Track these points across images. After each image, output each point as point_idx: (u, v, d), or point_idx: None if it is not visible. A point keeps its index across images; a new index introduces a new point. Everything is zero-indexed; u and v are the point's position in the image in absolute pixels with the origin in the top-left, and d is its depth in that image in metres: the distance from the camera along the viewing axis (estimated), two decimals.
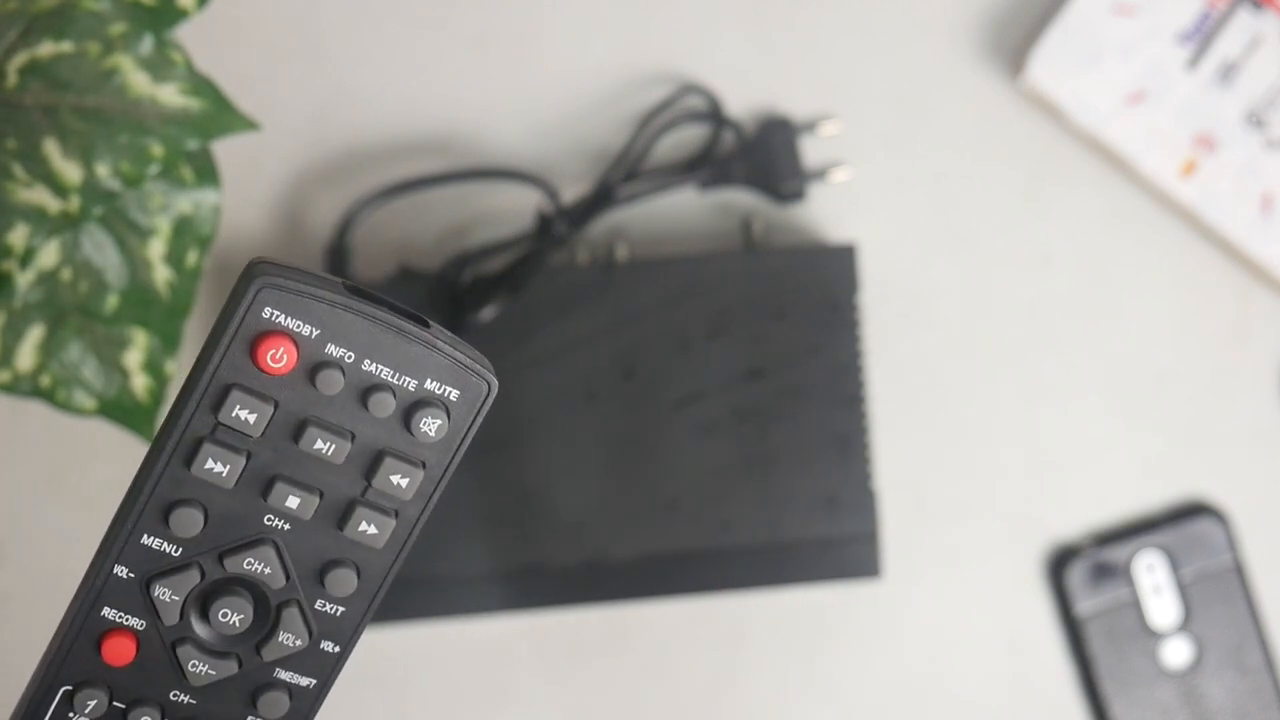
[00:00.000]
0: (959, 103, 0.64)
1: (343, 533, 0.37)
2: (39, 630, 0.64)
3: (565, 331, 0.61)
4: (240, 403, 0.35)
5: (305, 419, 0.36)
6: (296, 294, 0.35)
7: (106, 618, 0.37)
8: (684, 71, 0.64)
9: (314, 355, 0.36)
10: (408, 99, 0.64)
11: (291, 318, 0.35)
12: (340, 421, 0.36)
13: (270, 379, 0.36)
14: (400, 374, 0.36)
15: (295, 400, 0.36)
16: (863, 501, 0.61)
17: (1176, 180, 0.63)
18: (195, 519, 0.36)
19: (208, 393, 0.35)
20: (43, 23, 0.51)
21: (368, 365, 0.36)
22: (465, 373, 0.37)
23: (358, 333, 0.36)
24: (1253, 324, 0.64)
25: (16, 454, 0.64)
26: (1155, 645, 0.63)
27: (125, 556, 0.37)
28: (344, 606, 0.39)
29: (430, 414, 0.37)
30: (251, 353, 0.35)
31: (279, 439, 0.36)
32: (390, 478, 0.37)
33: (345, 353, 0.36)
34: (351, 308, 0.35)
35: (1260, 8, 0.62)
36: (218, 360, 0.35)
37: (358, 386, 0.36)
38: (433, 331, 0.37)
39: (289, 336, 0.35)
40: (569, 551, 0.61)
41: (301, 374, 0.36)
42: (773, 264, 0.61)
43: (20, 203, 0.50)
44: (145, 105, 0.51)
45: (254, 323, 0.35)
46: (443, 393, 0.37)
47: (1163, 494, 0.64)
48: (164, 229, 0.55)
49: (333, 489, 0.37)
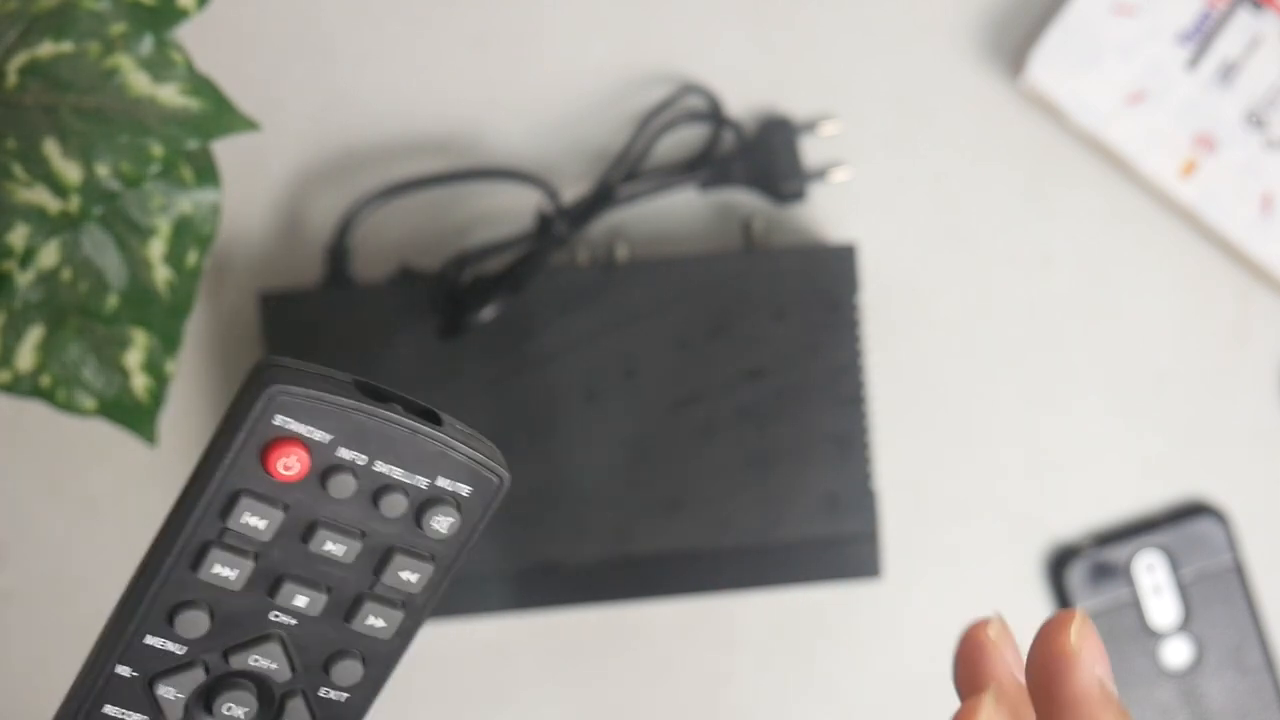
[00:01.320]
0: (959, 103, 0.64)
1: (350, 625, 0.37)
2: (39, 630, 0.64)
3: (565, 331, 0.61)
4: (249, 509, 0.35)
5: (315, 521, 0.36)
6: (309, 399, 0.34)
7: (109, 715, 0.37)
8: (684, 71, 0.64)
9: (326, 460, 0.35)
10: (408, 99, 0.64)
11: (303, 424, 0.35)
12: (351, 522, 0.36)
13: (281, 485, 0.35)
14: (412, 473, 0.36)
15: (305, 503, 0.36)
16: (863, 501, 0.61)
17: (1176, 180, 0.63)
18: (201, 621, 0.36)
19: (215, 498, 0.35)
20: (43, 23, 0.51)
21: (379, 466, 0.36)
22: (477, 469, 0.37)
23: (370, 435, 0.35)
24: (1253, 324, 0.64)
25: (16, 454, 0.64)
26: (1155, 645, 0.63)
27: (128, 656, 0.36)
28: (349, 694, 0.39)
29: (442, 511, 0.37)
30: (262, 459, 0.35)
31: (288, 540, 0.36)
32: (400, 574, 0.37)
33: (357, 455, 0.35)
34: (364, 410, 0.35)
35: (1260, 8, 0.62)
36: (226, 466, 0.35)
37: (369, 488, 0.36)
38: (444, 428, 0.37)
39: (300, 443, 0.35)
40: (569, 551, 0.61)
41: (313, 478, 0.35)
42: (773, 264, 0.61)
43: (20, 203, 0.50)
44: (145, 105, 0.51)
45: (265, 430, 0.34)
46: (454, 489, 0.37)
47: (1163, 494, 0.64)
48: (164, 229, 0.55)
49: (341, 584, 0.37)
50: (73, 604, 0.63)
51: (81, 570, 0.64)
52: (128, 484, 0.63)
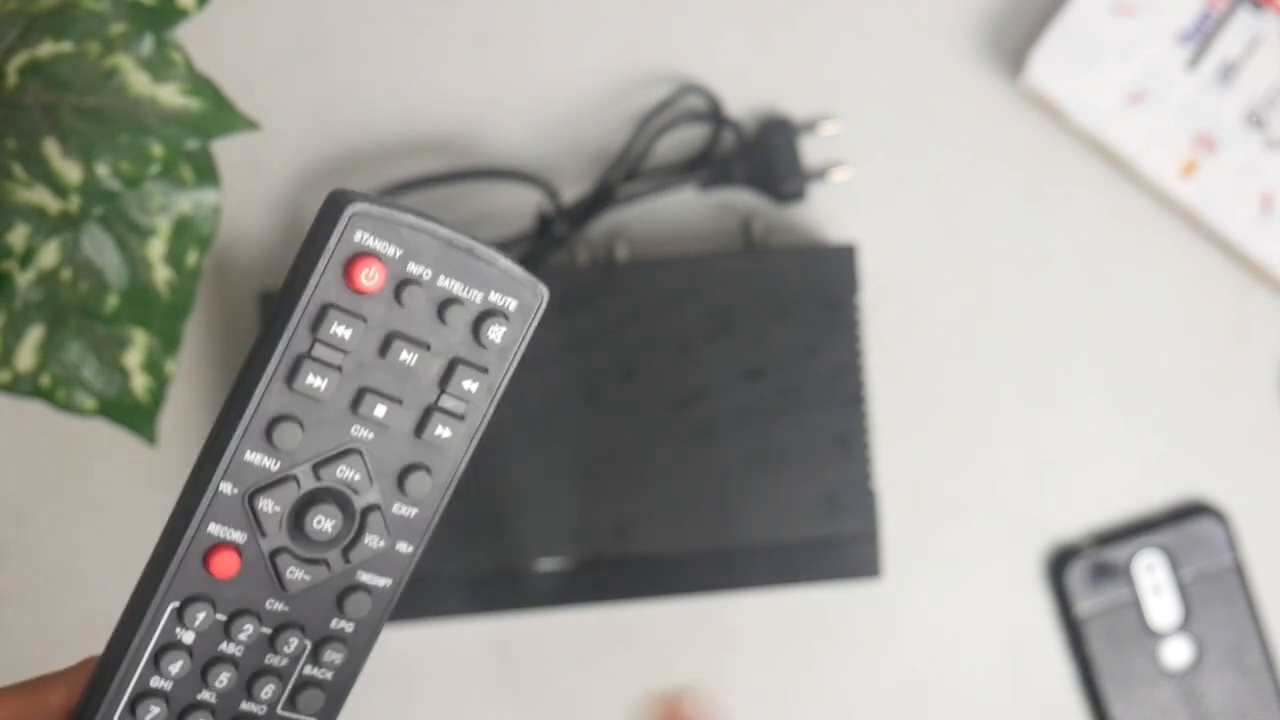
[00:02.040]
0: (959, 103, 0.64)
1: (420, 438, 0.40)
2: (39, 630, 0.64)
3: (565, 331, 0.61)
4: (338, 320, 0.38)
5: (390, 332, 0.39)
6: (384, 218, 0.38)
7: (213, 534, 0.39)
8: (684, 71, 0.64)
9: (398, 274, 0.38)
10: (408, 99, 0.64)
11: (380, 239, 0.38)
12: (420, 334, 0.39)
13: (362, 298, 0.38)
14: (469, 287, 0.39)
15: (382, 316, 0.39)
16: (863, 501, 0.61)
17: (1176, 180, 0.63)
18: (296, 433, 0.38)
19: (306, 312, 0.38)
20: (43, 23, 0.51)
21: (443, 281, 0.39)
22: (522, 285, 0.40)
23: (433, 251, 0.39)
24: (1253, 324, 0.64)
25: (16, 454, 0.64)
26: (1155, 645, 0.63)
27: (231, 473, 0.39)
28: (417, 508, 0.41)
29: (496, 322, 0.40)
30: (346, 273, 0.38)
31: (367, 353, 0.39)
32: (463, 384, 0.40)
33: (424, 270, 0.39)
34: (427, 229, 0.38)
35: (1260, 8, 0.62)
36: (316, 281, 0.38)
37: (435, 301, 0.39)
38: (491, 248, 0.40)
39: (378, 257, 0.38)
40: (569, 552, 0.61)
41: (388, 291, 0.38)
42: (773, 264, 0.61)
43: (20, 203, 0.50)
44: (145, 105, 0.51)
45: (348, 246, 0.38)
46: (504, 304, 0.40)
47: (1163, 494, 0.64)
48: (164, 229, 0.55)
49: (412, 397, 0.40)
50: (73, 604, 0.63)
51: (81, 570, 0.64)
52: (128, 484, 0.63)
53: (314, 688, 0.41)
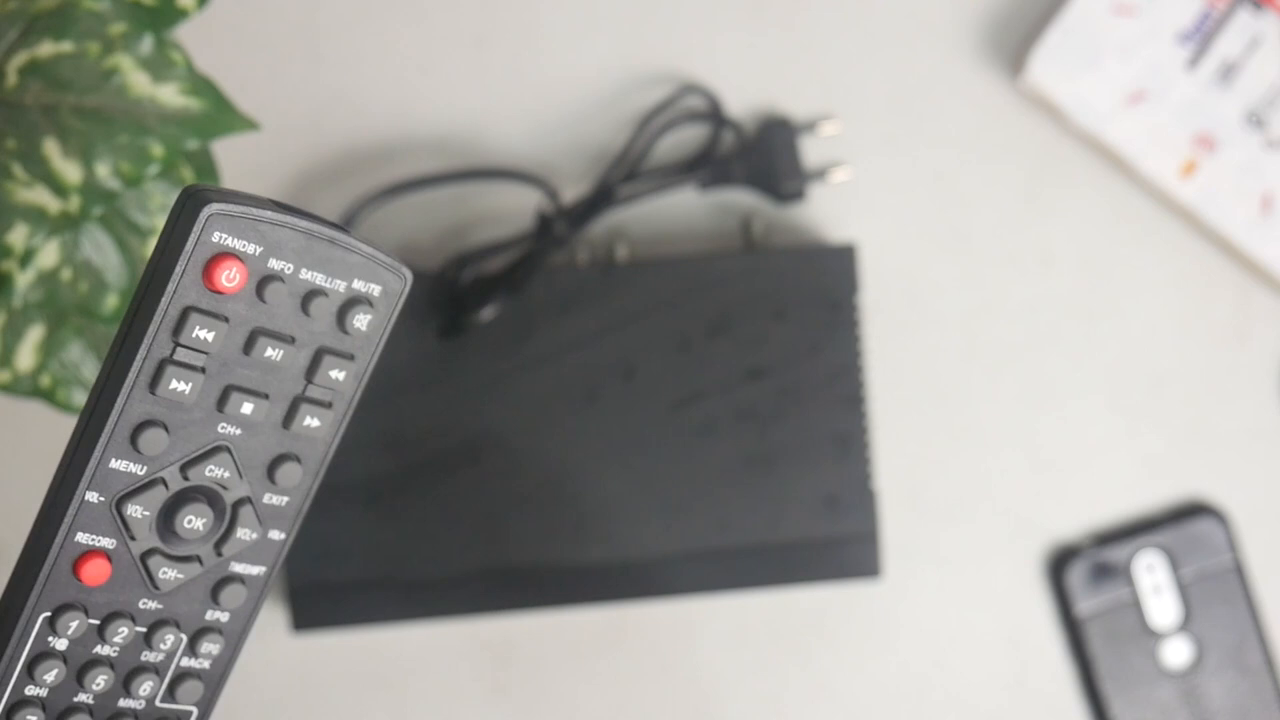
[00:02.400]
0: (959, 103, 0.64)
1: (288, 430, 0.40)
2: None
3: (565, 331, 0.61)
4: (199, 324, 0.38)
5: (254, 330, 0.39)
6: (241, 216, 0.38)
7: (81, 542, 0.39)
8: (684, 71, 0.64)
9: (259, 270, 0.38)
10: (408, 99, 0.64)
11: (238, 239, 0.38)
12: (284, 328, 0.39)
13: (223, 298, 0.38)
14: (332, 278, 0.39)
15: (244, 314, 0.39)
16: (863, 501, 0.61)
17: (1176, 180, 0.63)
18: (161, 438, 0.38)
19: (166, 317, 0.38)
20: (43, 23, 0.51)
21: (305, 274, 0.39)
22: (385, 270, 0.40)
23: (294, 244, 0.39)
24: (1253, 324, 0.64)
25: (16, 454, 0.64)
26: (1155, 645, 0.63)
27: (96, 482, 0.38)
28: (288, 497, 0.41)
29: (361, 310, 0.40)
30: (205, 275, 0.38)
31: (231, 352, 0.39)
32: (330, 373, 0.40)
33: (285, 265, 0.39)
34: (287, 223, 0.38)
35: (1260, 8, 0.62)
36: (175, 284, 0.37)
37: (298, 294, 0.39)
38: (353, 236, 0.40)
39: (237, 256, 0.38)
40: (569, 552, 0.61)
41: (249, 289, 0.38)
42: (773, 264, 0.61)
43: (20, 203, 0.50)
44: (145, 105, 0.51)
45: (206, 248, 0.37)
46: (368, 290, 0.40)
47: (1163, 494, 0.64)
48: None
49: (278, 390, 0.40)
50: None
51: None
52: None
53: (192, 679, 0.41)
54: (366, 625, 0.61)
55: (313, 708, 0.64)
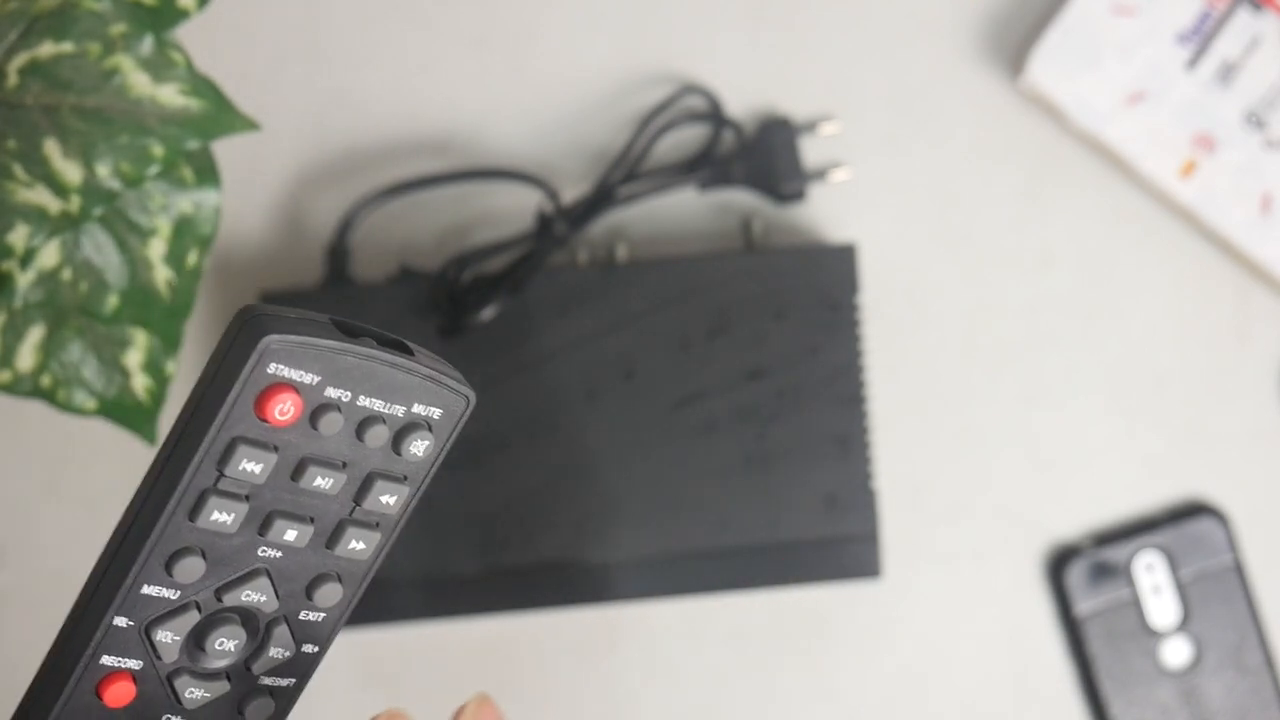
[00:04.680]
0: (959, 103, 0.64)
1: (332, 551, 0.38)
2: (39, 630, 0.64)
3: (565, 331, 0.61)
4: (246, 456, 0.36)
5: (304, 458, 0.37)
6: (300, 346, 0.35)
7: (106, 665, 0.37)
8: (684, 71, 0.64)
9: (315, 400, 0.36)
10: (407, 99, 0.64)
11: (295, 369, 0.36)
12: (335, 455, 0.37)
13: (274, 429, 0.36)
14: (390, 403, 0.37)
15: (295, 443, 0.37)
16: (863, 501, 0.61)
17: (1176, 180, 0.63)
18: (198, 566, 0.37)
19: (213, 448, 0.36)
20: (43, 23, 0.51)
21: (363, 400, 0.37)
22: (447, 392, 0.38)
23: (353, 371, 0.36)
24: (1253, 324, 0.64)
25: (16, 454, 0.64)
26: (1155, 645, 0.63)
27: (125, 607, 0.37)
28: (326, 613, 0.39)
29: (419, 436, 0.38)
30: (257, 406, 0.36)
31: (278, 480, 0.37)
32: (380, 498, 0.38)
33: (343, 393, 0.36)
34: (347, 350, 0.36)
35: (1260, 8, 0.62)
36: (224, 416, 0.35)
37: (354, 421, 0.37)
38: (417, 357, 0.38)
39: (293, 387, 0.36)
40: (569, 551, 0.61)
41: (303, 419, 0.36)
42: (773, 264, 0.61)
43: (21, 203, 0.50)
44: (145, 105, 0.51)
45: (260, 378, 0.35)
46: (428, 414, 0.38)
47: (1163, 494, 0.64)
48: (164, 229, 0.55)
49: (323, 514, 0.38)
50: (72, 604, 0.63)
51: (81, 570, 0.63)
52: (128, 484, 0.63)
53: None
54: (366, 625, 0.61)
55: (312, 707, 0.64)
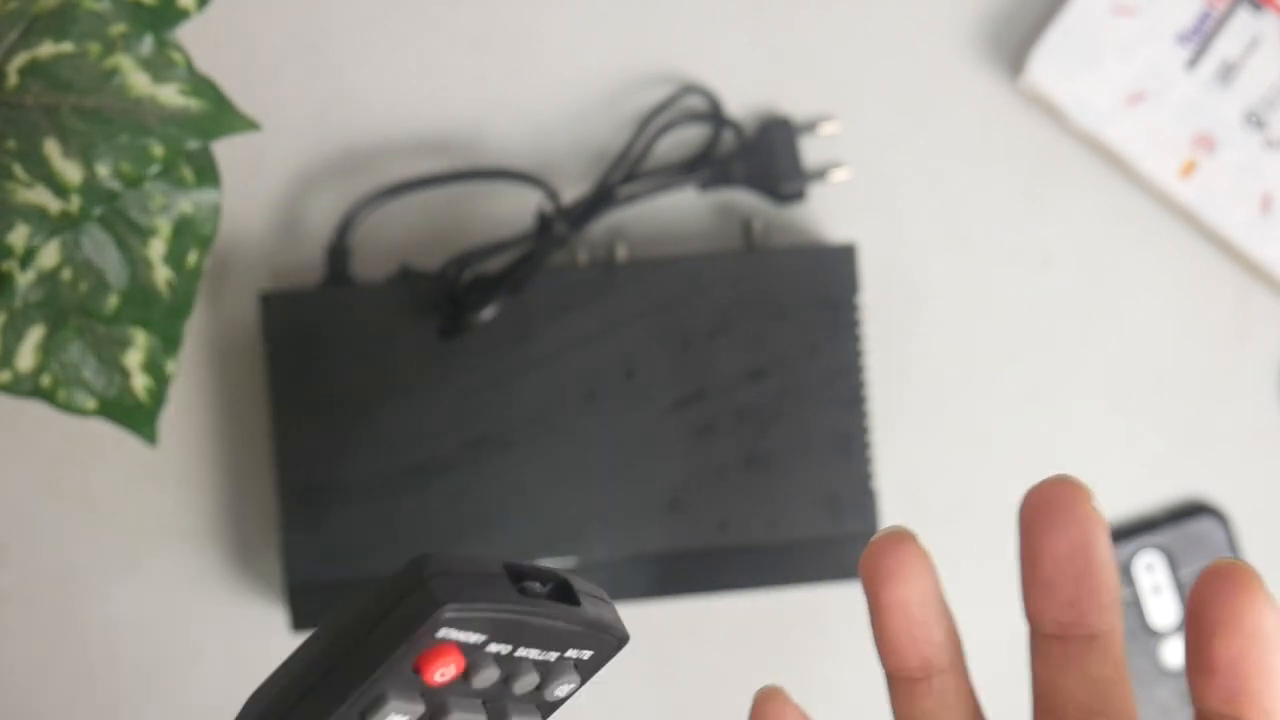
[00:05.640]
0: (959, 103, 0.64)
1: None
2: (39, 630, 0.64)
3: (565, 331, 0.61)
4: (394, 710, 0.34)
5: (447, 705, 0.35)
6: (476, 611, 0.33)
7: None
8: (684, 71, 0.64)
9: (475, 657, 0.35)
10: (408, 99, 0.64)
11: (466, 631, 0.34)
12: (479, 697, 0.36)
13: (428, 686, 0.34)
14: (546, 651, 0.36)
15: (443, 693, 0.35)
16: (863, 501, 0.61)
17: (1176, 180, 0.63)
18: None
19: (360, 700, 0.33)
20: (43, 23, 0.51)
21: (521, 652, 0.35)
22: (603, 637, 0.36)
23: (518, 628, 0.35)
24: (1253, 324, 0.64)
25: (16, 454, 0.64)
26: (1155, 645, 0.63)
27: None
28: None
29: (566, 680, 0.37)
30: (417, 665, 0.33)
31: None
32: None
33: (503, 648, 0.35)
34: (519, 610, 0.34)
35: (1260, 8, 0.62)
36: (381, 671, 0.33)
37: (507, 670, 0.35)
38: (582, 605, 0.36)
39: (458, 648, 0.34)
40: (569, 551, 0.61)
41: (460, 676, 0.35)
42: (773, 264, 0.61)
43: (20, 203, 0.50)
44: (145, 105, 0.51)
45: (426, 642, 0.33)
46: (579, 656, 0.37)
47: (1162, 494, 0.64)
48: (164, 229, 0.55)
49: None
50: (73, 604, 0.63)
51: (81, 570, 0.64)
52: (128, 484, 0.63)
53: None
54: None
55: None
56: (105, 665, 0.64)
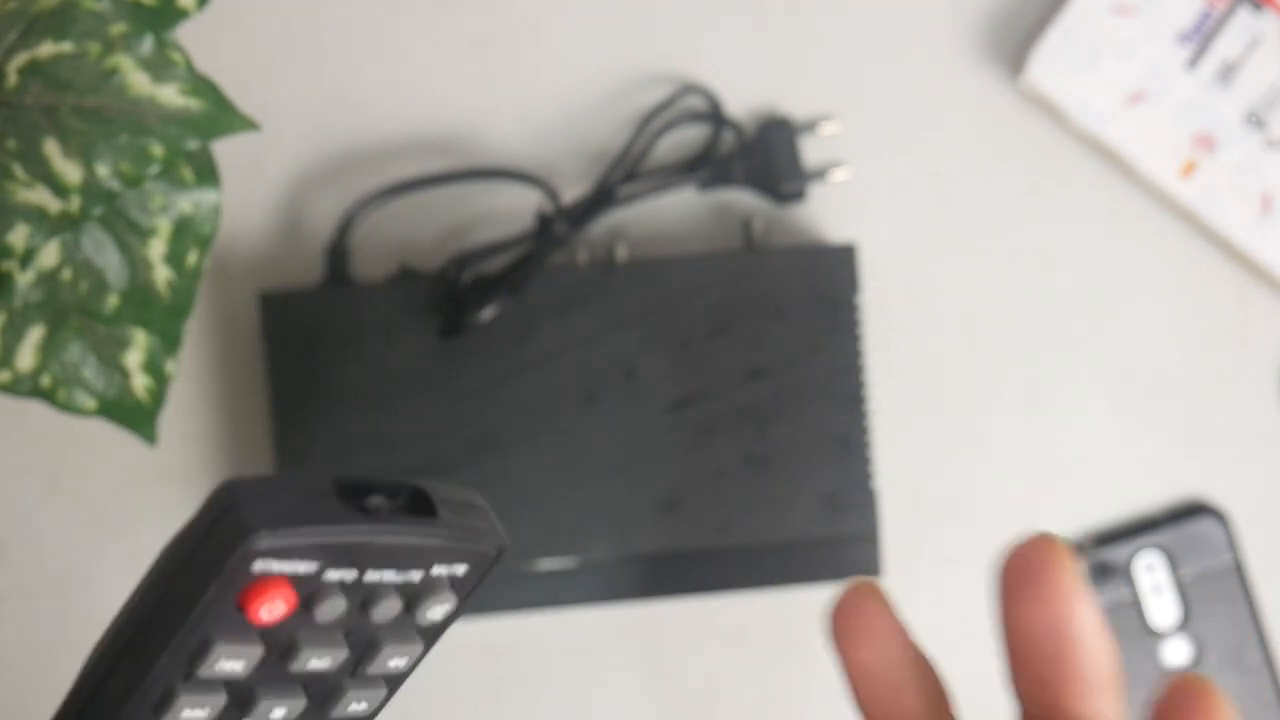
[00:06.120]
0: (959, 102, 0.64)
1: (328, 713, 0.34)
2: (39, 630, 0.64)
3: (565, 331, 0.61)
4: (224, 654, 0.30)
5: (294, 642, 0.32)
6: (292, 537, 0.29)
7: None
8: (684, 71, 0.64)
9: (312, 588, 0.31)
10: (407, 99, 0.64)
11: (287, 562, 0.30)
12: (335, 634, 0.32)
13: (261, 627, 0.31)
14: (404, 570, 0.32)
15: (287, 631, 0.31)
16: (863, 501, 0.61)
17: (1176, 180, 0.63)
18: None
19: (182, 648, 0.30)
20: (43, 23, 0.51)
21: (371, 576, 0.32)
22: (472, 547, 0.33)
23: (359, 550, 0.31)
24: (1253, 324, 0.64)
25: (16, 454, 0.64)
26: (1155, 645, 0.63)
27: None
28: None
29: (437, 599, 0.33)
30: (240, 604, 0.30)
31: (265, 666, 0.32)
32: (388, 662, 0.34)
33: (345, 574, 0.31)
34: (351, 530, 0.30)
35: (1260, 8, 0.62)
36: (195, 618, 0.29)
37: (359, 598, 0.32)
38: (438, 520, 0.32)
39: (287, 581, 0.30)
40: (570, 551, 0.61)
41: (297, 609, 0.31)
42: (773, 264, 0.61)
43: (20, 203, 0.50)
44: (145, 105, 0.51)
45: (242, 578, 0.29)
46: (450, 572, 0.33)
47: (1163, 494, 0.64)
48: (164, 229, 0.55)
49: (319, 685, 0.33)
50: (73, 604, 0.64)
51: (81, 570, 0.64)
52: (128, 484, 0.63)
53: None
54: None
55: None
56: None
